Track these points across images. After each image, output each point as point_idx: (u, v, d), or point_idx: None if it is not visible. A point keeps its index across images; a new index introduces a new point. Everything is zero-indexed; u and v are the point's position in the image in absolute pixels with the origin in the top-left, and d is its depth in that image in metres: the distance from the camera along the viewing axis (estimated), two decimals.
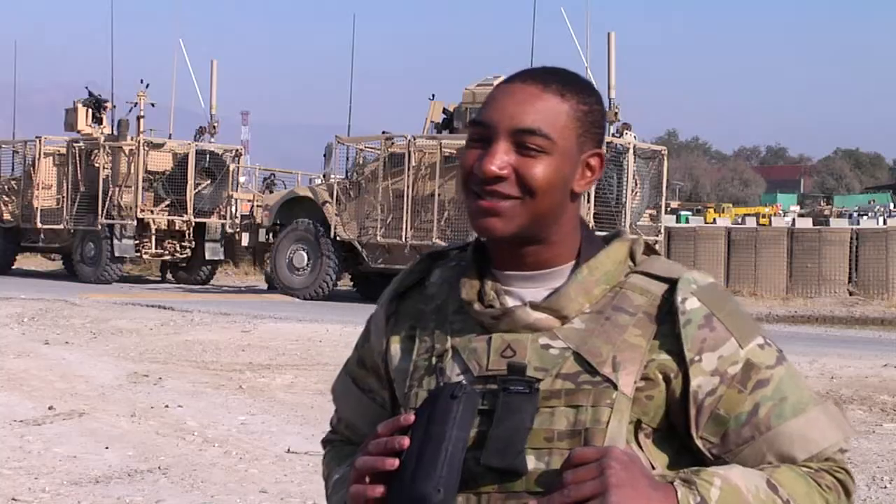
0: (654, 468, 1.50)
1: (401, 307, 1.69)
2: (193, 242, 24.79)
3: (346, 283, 21.95)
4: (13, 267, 26.35)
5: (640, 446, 1.51)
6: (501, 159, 1.52)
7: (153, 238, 24.31)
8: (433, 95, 21.33)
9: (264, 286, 23.72)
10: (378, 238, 19.88)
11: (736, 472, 1.47)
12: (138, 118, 24.94)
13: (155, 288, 23.39)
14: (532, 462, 1.47)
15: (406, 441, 1.45)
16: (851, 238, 21.62)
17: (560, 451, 1.47)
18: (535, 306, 1.54)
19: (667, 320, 1.53)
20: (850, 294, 21.31)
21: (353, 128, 22.34)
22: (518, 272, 1.58)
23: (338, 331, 13.77)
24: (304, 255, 20.40)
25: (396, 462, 1.45)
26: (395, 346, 1.66)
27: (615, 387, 1.49)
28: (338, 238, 20.16)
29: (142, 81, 25.30)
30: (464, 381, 1.52)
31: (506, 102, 1.54)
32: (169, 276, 25.87)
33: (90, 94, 26.27)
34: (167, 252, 24.85)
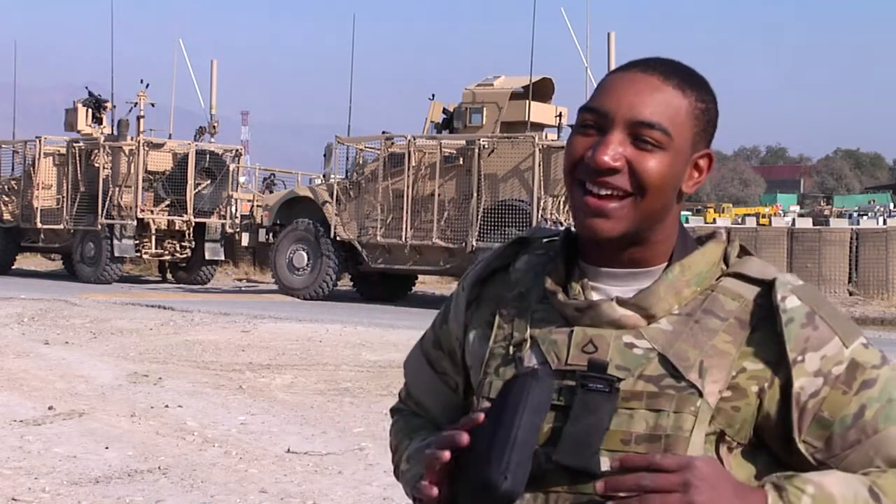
0: None
1: (483, 293, 1.62)
2: (193, 242, 24.78)
3: (346, 283, 21.95)
4: (13, 267, 26.34)
5: (721, 460, 1.44)
6: (616, 150, 1.45)
7: (153, 238, 24.30)
8: (433, 95, 21.33)
9: (264, 286, 23.71)
10: (378, 238, 19.87)
11: (833, 478, 1.39)
12: (138, 118, 24.93)
13: (155, 288, 23.39)
14: (606, 464, 1.41)
15: (481, 417, 1.40)
16: (851, 238, 21.60)
17: (637, 455, 1.40)
18: (621, 302, 1.48)
19: (761, 326, 1.46)
20: (850, 294, 21.30)
21: (353, 128, 22.34)
22: (609, 269, 1.52)
23: (338, 331, 13.77)
24: (304, 255, 20.39)
25: (466, 437, 1.40)
26: (474, 333, 1.61)
27: (700, 394, 1.42)
28: (338, 238, 20.16)
29: (142, 81, 25.32)
30: (538, 368, 1.46)
31: (624, 91, 1.47)
32: (169, 276, 25.87)
33: (90, 94, 26.26)
34: (167, 252, 24.84)
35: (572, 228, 1.58)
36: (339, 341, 12.85)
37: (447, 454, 1.40)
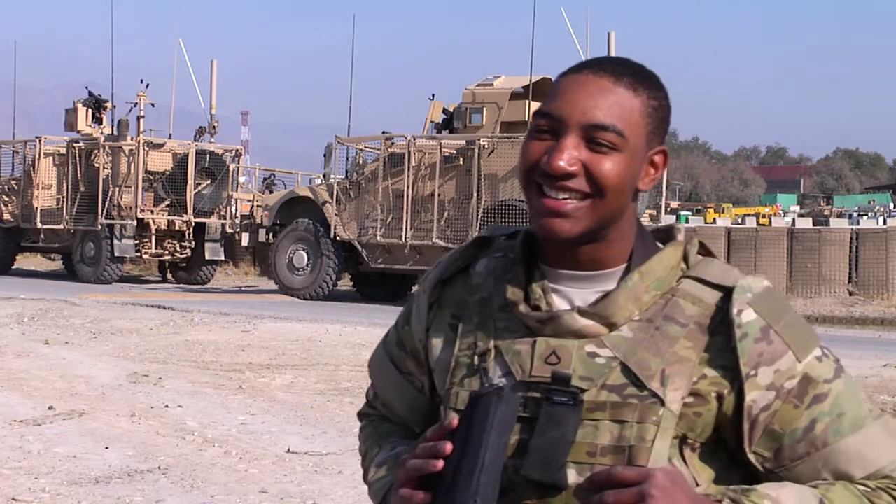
0: (697, 484, 1.46)
1: (444, 294, 1.63)
2: (193, 242, 24.78)
3: (346, 283, 21.95)
4: (13, 267, 26.35)
5: (685, 461, 1.47)
6: (571, 154, 1.45)
7: (153, 238, 24.30)
8: (433, 95, 21.33)
9: (265, 286, 23.72)
10: (378, 238, 19.88)
11: (788, 492, 1.43)
12: (138, 118, 24.95)
13: (155, 288, 23.39)
14: (573, 476, 1.43)
15: (449, 447, 1.41)
16: (851, 238, 21.58)
17: (602, 468, 1.42)
18: (582, 312, 1.49)
19: (720, 332, 1.48)
20: (850, 294, 21.29)
21: (353, 128, 22.35)
22: (568, 271, 1.52)
23: (338, 331, 13.77)
24: (304, 255, 20.40)
25: (441, 463, 1.41)
26: (437, 335, 1.61)
27: (662, 403, 1.44)
28: (338, 238, 20.17)
29: (142, 81, 25.34)
30: (504, 385, 1.47)
31: (577, 95, 1.47)
32: (169, 276, 25.87)
33: (90, 94, 26.26)
34: (167, 252, 24.85)
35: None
36: (339, 341, 12.85)
37: (440, 462, 1.41)
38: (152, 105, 25.19)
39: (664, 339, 1.47)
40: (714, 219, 32.22)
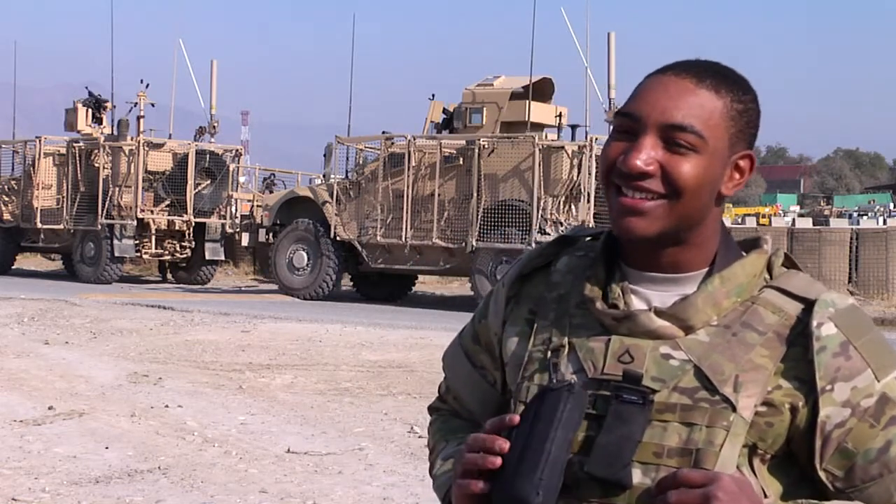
0: (766, 496, 1.44)
1: (523, 290, 1.63)
2: (193, 242, 24.78)
3: (346, 283, 21.94)
4: (13, 267, 26.34)
5: (754, 472, 1.45)
6: (648, 154, 1.44)
7: (153, 238, 24.30)
8: (433, 95, 21.32)
9: (265, 286, 23.72)
10: (378, 238, 19.88)
11: None
12: (138, 118, 24.93)
13: (155, 288, 23.39)
14: (638, 476, 1.41)
15: (506, 445, 1.41)
16: (851, 238, 21.59)
17: (668, 469, 1.40)
18: (659, 313, 1.47)
19: (798, 343, 1.45)
20: (850, 294, 21.31)
21: (353, 128, 22.34)
22: (649, 272, 1.51)
23: (338, 331, 13.77)
24: (304, 255, 20.40)
25: (498, 461, 1.40)
26: (512, 330, 1.61)
27: (734, 408, 1.42)
28: (338, 238, 20.17)
29: (142, 81, 25.33)
30: (573, 381, 1.46)
31: (657, 95, 1.47)
32: (169, 276, 25.87)
33: (90, 94, 26.25)
34: (167, 252, 24.84)
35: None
36: (339, 341, 12.86)
37: (498, 460, 1.41)
38: (152, 105, 25.18)
39: (740, 345, 1.45)
40: None
